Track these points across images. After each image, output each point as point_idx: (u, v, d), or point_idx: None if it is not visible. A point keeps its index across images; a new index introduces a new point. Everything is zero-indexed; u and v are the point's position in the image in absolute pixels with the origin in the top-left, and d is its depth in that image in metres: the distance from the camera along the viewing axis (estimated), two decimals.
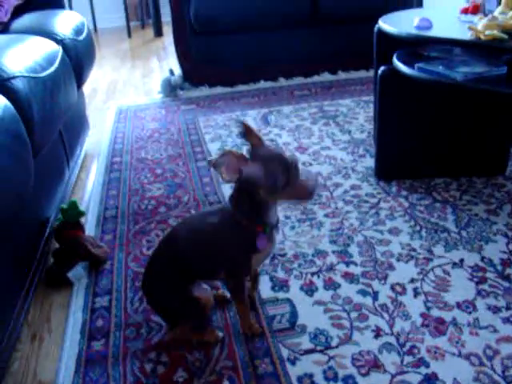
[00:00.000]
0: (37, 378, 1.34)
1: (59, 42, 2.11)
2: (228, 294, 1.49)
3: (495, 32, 1.60)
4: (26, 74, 1.59)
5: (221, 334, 1.39)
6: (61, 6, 2.74)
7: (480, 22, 1.68)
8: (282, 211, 1.95)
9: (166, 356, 1.35)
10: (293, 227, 1.87)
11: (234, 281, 1.34)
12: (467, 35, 1.69)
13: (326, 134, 2.71)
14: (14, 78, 1.50)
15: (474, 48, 1.84)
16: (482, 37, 1.62)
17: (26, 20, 2.38)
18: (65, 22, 2.36)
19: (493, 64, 1.72)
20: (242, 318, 1.39)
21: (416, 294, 1.50)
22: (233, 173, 1.14)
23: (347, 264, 1.65)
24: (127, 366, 1.32)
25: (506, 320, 1.38)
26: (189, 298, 1.31)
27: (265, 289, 1.57)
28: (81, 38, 2.39)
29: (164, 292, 1.35)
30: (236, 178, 1.15)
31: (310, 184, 1.18)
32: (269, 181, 1.13)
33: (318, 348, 1.33)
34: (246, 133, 1.20)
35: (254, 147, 1.19)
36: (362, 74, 3.76)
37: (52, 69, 1.82)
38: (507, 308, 1.42)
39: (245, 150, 1.20)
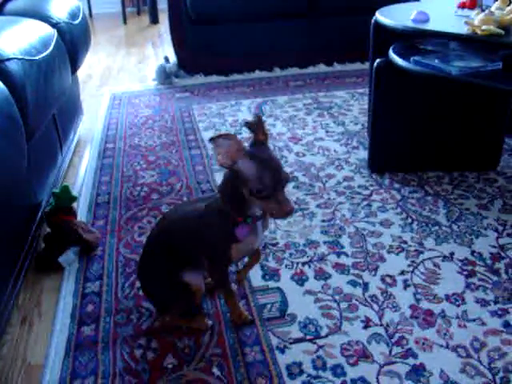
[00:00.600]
0: (26, 362, 1.34)
1: (54, 25, 2.10)
2: None
3: (491, 27, 1.60)
4: (21, 57, 1.57)
5: (210, 322, 1.40)
6: None
7: (477, 16, 1.68)
8: None
9: (155, 342, 1.35)
10: None
11: (216, 271, 1.34)
12: (464, 30, 1.69)
13: (320, 125, 2.71)
14: (8, 60, 1.49)
15: (470, 43, 1.84)
16: (479, 32, 1.62)
17: (21, 2, 2.35)
18: (60, 6, 2.34)
19: (488, 59, 1.72)
20: (230, 308, 1.40)
21: (406, 285, 1.51)
22: (228, 159, 1.14)
23: (338, 255, 1.66)
24: (117, 352, 1.33)
25: (494, 313, 1.40)
26: (179, 284, 1.31)
27: (256, 277, 1.57)
28: (76, 22, 2.37)
29: (155, 276, 1.36)
30: (228, 165, 1.15)
31: (289, 206, 1.13)
32: (256, 185, 1.12)
33: (308, 337, 1.34)
34: (257, 125, 1.20)
35: (258, 143, 1.19)
36: (358, 66, 3.76)
37: (47, 52, 1.80)
38: (495, 302, 1.44)
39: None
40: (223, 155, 1.14)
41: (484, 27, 1.61)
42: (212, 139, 1.13)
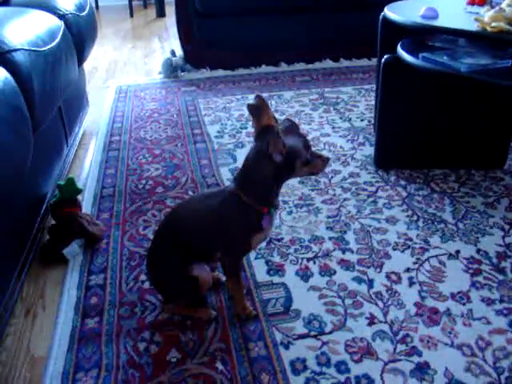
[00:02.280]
0: (30, 354, 1.34)
1: (61, 17, 2.09)
2: (223, 277, 1.49)
3: (502, 24, 1.59)
4: (28, 48, 1.57)
5: (214, 313, 1.40)
6: None
7: (486, 13, 1.66)
8: (280, 196, 1.95)
9: (159, 336, 1.35)
10: (290, 212, 1.87)
11: (231, 259, 1.35)
12: (473, 26, 1.68)
13: (326, 120, 2.70)
14: (15, 50, 1.48)
15: (480, 40, 1.82)
16: (489, 28, 1.61)
17: None
18: None
19: (498, 56, 1.71)
20: (236, 298, 1.40)
21: (411, 283, 1.51)
22: (281, 147, 1.18)
23: (343, 251, 1.66)
24: (120, 345, 1.32)
25: (500, 312, 1.39)
26: (187, 277, 1.32)
27: (260, 272, 1.57)
28: (83, 14, 2.37)
29: (163, 268, 1.36)
30: (283, 151, 1.18)
31: (325, 157, 1.28)
32: (307, 152, 1.23)
33: (312, 333, 1.34)
34: (261, 109, 1.22)
35: (265, 128, 1.21)
36: (364, 62, 3.75)
37: (54, 43, 1.80)
38: (501, 300, 1.43)
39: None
40: (275, 146, 1.18)
41: (494, 24, 1.59)
42: (248, 107, 1.24)
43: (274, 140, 1.16)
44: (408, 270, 1.56)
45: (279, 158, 1.19)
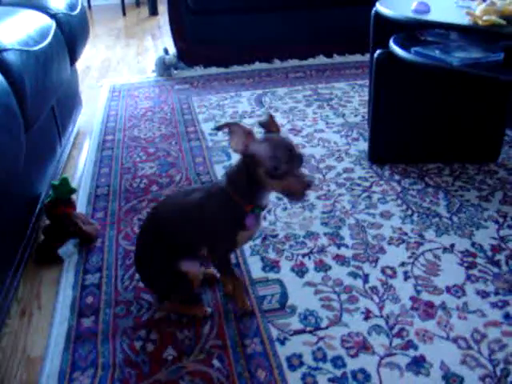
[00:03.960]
0: (26, 354, 1.34)
1: (52, 16, 2.08)
2: (218, 274, 1.49)
3: (493, 17, 1.59)
4: (19, 47, 1.56)
5: (209, 310, 1.41)
6: None
7: (478, 7, 1.66)
8: (274, 193, 1.95)
9: (155, 334, 1.35)
10: (285, 208, 1.87)
11: (217, 256, 1.34)
12: (465, 20, 1.67)
13: (319, 116, 2.70)
14: (5, 50, 1.48)
15: (472, 33, 1.83)
16: (480, 22, 1.61)
17: None
18: None
19: (490, 50, 1.71)
20: (235, 291, 1.40)
21: (406, 277, 1.51)
22: (240, 145, 1.17)
23: (338, 246, 1.66)
24: (117, 343, 1.32)
25: (495, 305, 1.39)
26: (176, 273, 1.32)
27: (255, 269, 1.57)
28: (74, 13, 2.36)
29: (152, 267, 1.36)
30: (241, 150, 1.17)
31: (306, 180, 1.15)
32: (271, 163, 1.13)
33: (308, 329, 1.34)
34: (269, 123, 1.23)
35: (270, 132, 1.22)
36: (358, 57, 3.75)
37: (45, 43, 1.79)
38: (496, 293, 1.43)
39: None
40: (236, 141, 1.17)
41: (485, 17, 1.59)
42: (217, 128, 1.18)
43: (234, 136, 1.16)
44: (403, 264, 1.57)
45: (240, 156, 1.20)
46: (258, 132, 1.20)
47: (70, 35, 2.20)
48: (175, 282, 1.35)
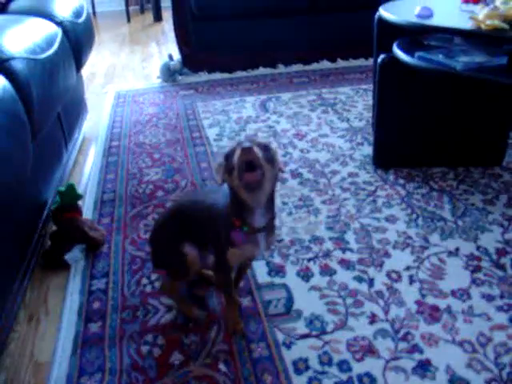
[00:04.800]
0: (33, 359, 1.35)
1: (58, 23, 2.10)
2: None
3: (496, 22, 1.59)
4: (25, 56, 1.58)
5: (203, 314, 1.43)
6: None
7: (481, 11, 1.67)
8: (280, 197, 1.96)
9: (162, 339, 1.36)
10: (290, 213, 1.87)
11: (218, 274, 1.39)
12: (468, 25, 1.68)
13: (324, 121, 2.71)
14: (13, 59, 1.49)
15: (475, 38, 1.83)
16: (483, 26, 1.61)
17: (25, 1, 2.36)
18: (64, 4, 2.34)
19: (493, 54, 1.72)
20: (227, 313, 1.40)
21: (411, 281, 1.51)
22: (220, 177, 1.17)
23: (343, 250, 1.66)
24: (123, 348, 1.33)
25: (500, 308, 1.40)
26: (178, 251, 1.34)
27: (261, 274, 1.57)
28: (80, 20, 2.38)
29: (161, 236, 1.41)
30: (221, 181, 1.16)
31: (249, 176, 1.07)
32: (225, 159, 1.12)
33: (314, 333, 1.34)
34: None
35: None
36: (361, 62, 3.76)
37: (51, 51, 1.81)
38: (501, 296, 1.44)
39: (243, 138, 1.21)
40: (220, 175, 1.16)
41: (489, 22, 1.60)
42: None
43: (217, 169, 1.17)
44: (408, 268, 1.57)
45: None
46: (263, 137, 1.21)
47: (76, 42, 2.21)
48: (174, 258, 1.37)
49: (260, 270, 1.59)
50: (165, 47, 4.68)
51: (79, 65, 2.34)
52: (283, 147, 2.41)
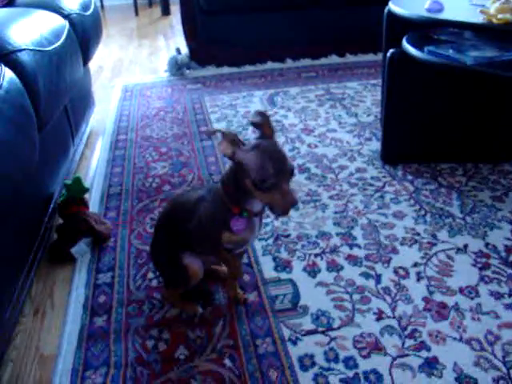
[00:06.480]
0: (39, 352, 1.35)
1: (66, 16, 2.09)
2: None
3: (508, 16, 1.58)
4: (32, 48, 1.57)
5: (200, 310, 1.42)
6: None
7: (492, 5, 1.65)
8: None
9: (167, 333, 1.35)
10: (297, 208, 1.86)
11: (215, 254, 1.37)
12: (479, 19, 1.66)
13: (332, 116, 2.70)
14: (20, 50, 1.49)
15: (486, 32, 1.81)
16: (495, 20, 1.60)
17: None
18: None
19: (504, 48, 1.70)
20: (229, 280, 1.43)
21: (419, 278, 1.50)
22: (228, 149, 1.14)
23: (351, 246, 1.65)
24: (129, 342, 1.33)
25: (508, 306, 1.38)
26: (177, 264, 1.34)
27: (268, 269, 1.57)
28: (88, 13, 2.37)
29: (159, 254, 1.41)
30: (229, 154, 1.14)
31: (293, 197, 1.08)
32: (258, 175, 1.08)
33: (320, 329, 1.34)
34: (263, 124, 1.17)
35: (263, 137, 1.17)
36: (370, 57, 3.73)
37: (58, 43, 1.80)
38: (510, 294, 1.42)
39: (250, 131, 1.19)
40: (225, 146, 1.14)
41: (500, 16, 1.58)
42: (205, 132, 1.18)
43: (224, 140, 1.13)
44: (416, 264, 1.56)
45: (230, 160, 1.17)
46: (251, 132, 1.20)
47: (83, 35, 2.21)
48: (175, 273, 1.37)
49: (266, 265, 1.58)
50: (172, 41, 4.67)
51: (86, 58, 2.33)
52: (291, 142, 2.39)
